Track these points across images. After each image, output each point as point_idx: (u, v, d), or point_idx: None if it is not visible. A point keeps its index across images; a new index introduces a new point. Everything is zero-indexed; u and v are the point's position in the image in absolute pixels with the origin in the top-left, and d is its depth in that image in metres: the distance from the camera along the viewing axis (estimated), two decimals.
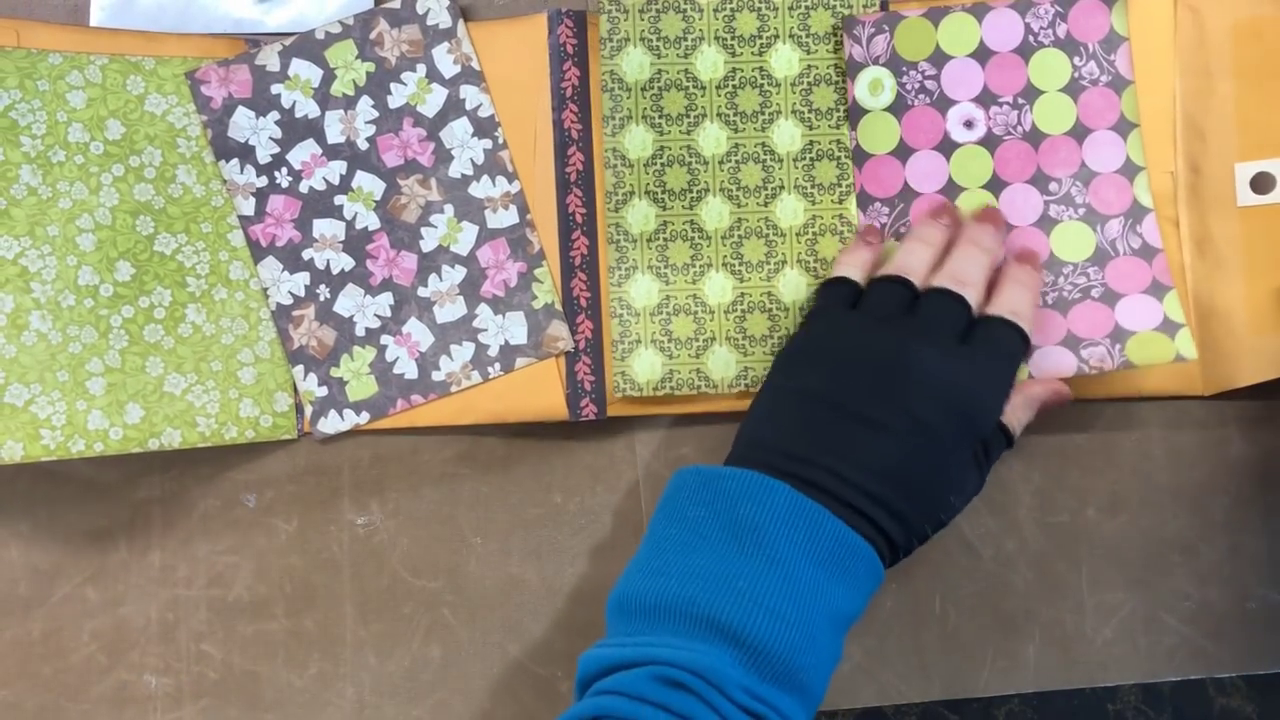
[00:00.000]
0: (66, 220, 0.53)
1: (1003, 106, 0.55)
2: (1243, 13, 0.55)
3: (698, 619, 0.42)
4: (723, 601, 0.42)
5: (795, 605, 0.42)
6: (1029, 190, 0.55)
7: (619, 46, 0.55)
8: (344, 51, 0.56)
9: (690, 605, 0.42)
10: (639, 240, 0.55)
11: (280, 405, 0.56)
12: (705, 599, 0.42)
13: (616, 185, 0.55)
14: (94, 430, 0.52)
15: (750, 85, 0.55)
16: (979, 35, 0.55)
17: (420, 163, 0.56)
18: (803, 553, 0.43)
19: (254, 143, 0.56)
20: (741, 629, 0.41)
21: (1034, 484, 0.56)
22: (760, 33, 0.55)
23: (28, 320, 0.52)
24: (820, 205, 0.55)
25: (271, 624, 0.56)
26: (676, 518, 0.45)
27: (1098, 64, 0.55)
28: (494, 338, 0.56)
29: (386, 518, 0.57)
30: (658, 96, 0.55)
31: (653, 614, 0.43)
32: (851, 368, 0.47)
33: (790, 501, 0.43)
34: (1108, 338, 0.54)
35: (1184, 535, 0.56)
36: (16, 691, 0.56)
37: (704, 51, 0.55)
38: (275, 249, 0.56)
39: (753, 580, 0.42)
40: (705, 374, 0.55)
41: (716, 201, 0.55)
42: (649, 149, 0.55)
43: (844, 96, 0.55)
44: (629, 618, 0.44)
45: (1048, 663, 0.56)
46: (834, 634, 0.44)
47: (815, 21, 0.55)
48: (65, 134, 0.53)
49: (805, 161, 0.55)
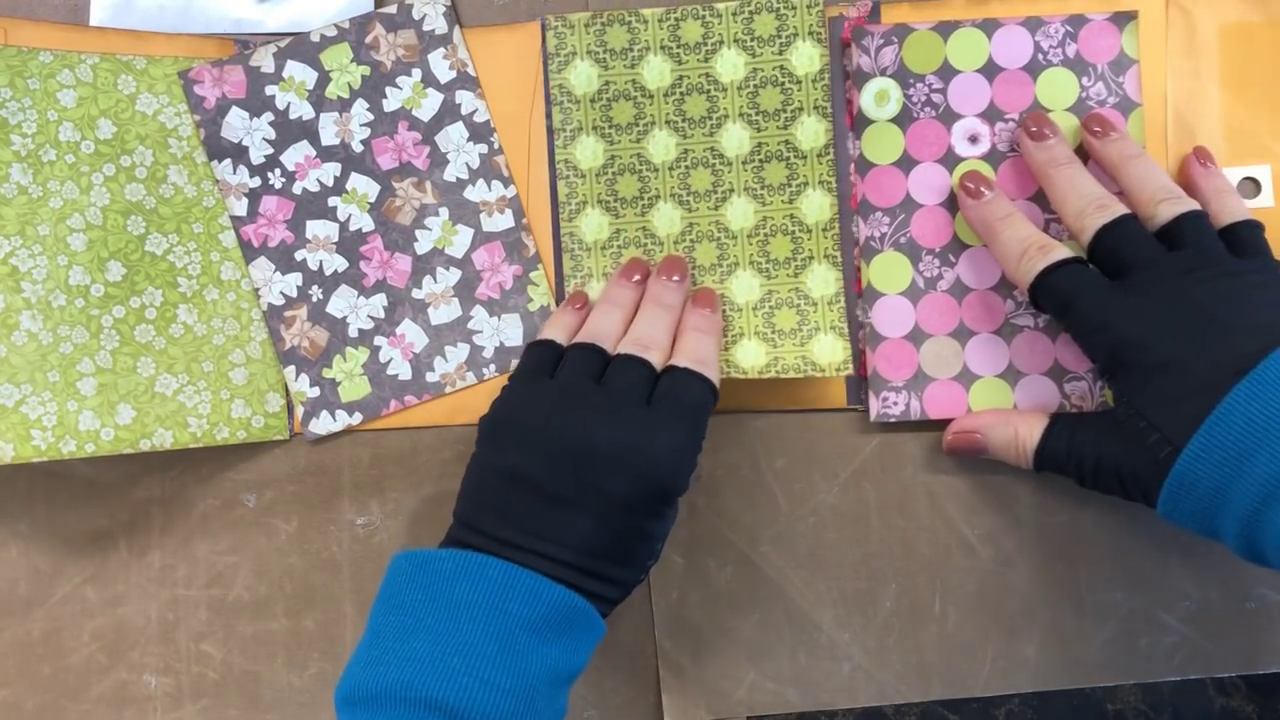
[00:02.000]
0: (57, 220, 0.53)
1: (1008, 123, 0.55)
2: (1230, 17, 0.55)
3: (415, 701, 0.42)
4: (437, 680, 0.42)
5: (510, 674, 0.43)
6: (1031, 207, 0.55)
7: (566, 60, 0.55)
8: (339, 54, 0.55)
9: (407, 689, 0.43)
10: (593, 249, 0.56)
11: (272, 406, 0.56)
12: (420, 680, 0.43)
13: (569, 195, 0.56)
14: (85, 431, 0.52)
15: (697, 91, 0.55)
16: (988, 51, 0.55)
17: (415, 166, 0.56)
18: (518, 622, 0.44)
19: (247, 143, 0.55)
20: (457, 704, 0.42)
21: (1034, 484, 0.56)
22: (705, 39, 0.55)
23: (18, 320, 0.52)
24: (771, 206, 0.55)
25: (271, 624, 0.56)
26: (395, 604, 0.46)
27: (1106, 85, 0.54)
28: (489, 339, 0.56)
29: (386, 518, 0.57)
30: (606, 107, 0.55)
31: (374, 703, 0.43)
32: (543, 446, 0.48)
33: (503, 574, 0.45)
34: (1090, 373, 0.54)
35: (1184, 535, 0.56)
36: (16, 691, 0.56)
37: (650, 61, 0.55)
38: (267, 250, 0.56)
39: (467, 656, 0.43)
40: None
41: (668, 208, 0.56)
42: (600, 159, 0.56)
43: (790, 97, 0.55)
44: (353, 710, 0.44)
45: (1048, 663, 0.55)
46: (554, 693, 0.45)
47: (759, 25, 0.55)
48: (56, 133, 0.53)
49: (754, 164, 0.55)
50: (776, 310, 0.55)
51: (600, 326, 0.52)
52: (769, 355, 0.55)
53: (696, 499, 0.57)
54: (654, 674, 0.56)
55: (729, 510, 0.57)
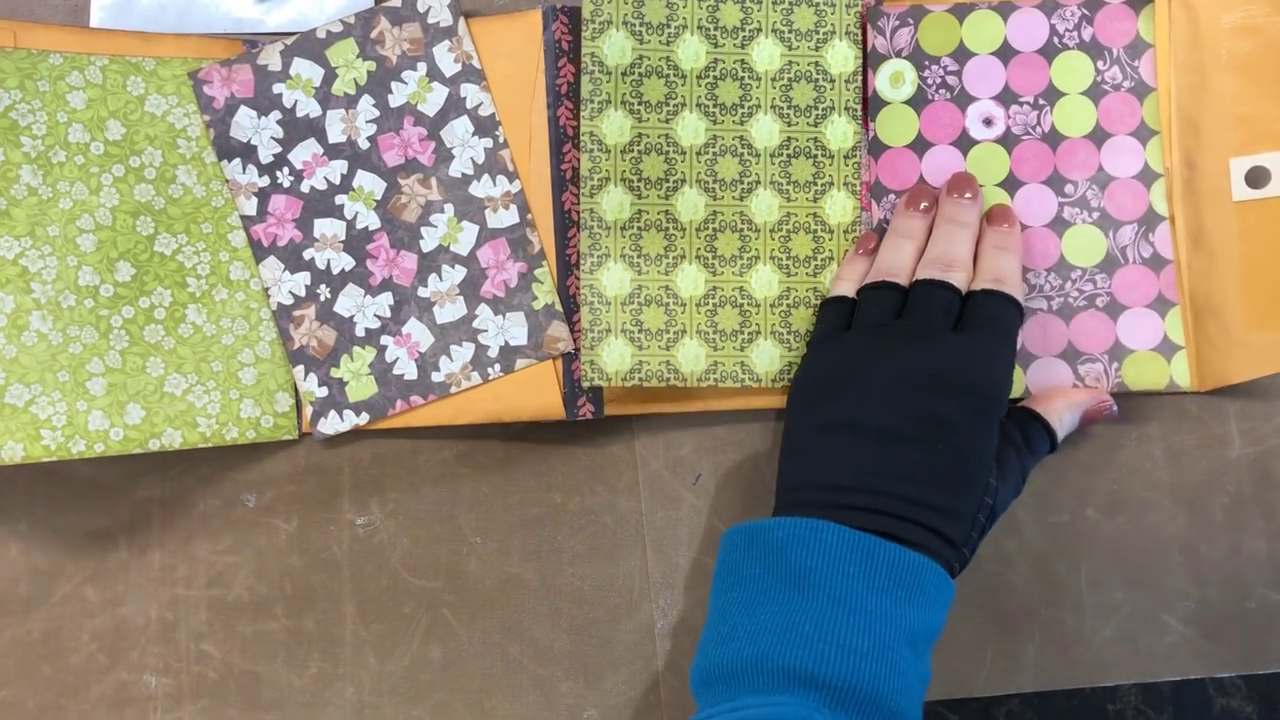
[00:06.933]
0: (67, 220, 0.53)
1: (1023, 106, 0.55)
2: (1239, 9, 0.55)
3: (773, 673, 0.42)
4: (793, 650, 0.42)
5: (865, 636, 0.42)
6: (1044, 191, 0.55)
7: (601, 29, 0.55)
8: (345, 50, 0.56)
9: (763, 661, 0.42)
10: (613, 228, 0.55)
11: (281, 406, 0.56)
12: (776, 652, 0.42)
13: (592, 170, 0.55)
14: (94, 431, 0.52)
15: (731, 77, 0.55)
16: (1003, 34, 0.55)
17: (421, 162, 0.56)
18: (862, 584, 0.43)
19: (256, 142, 0.56)
20: (817, 671, 0.41)
21: (1034, 484, 0.56)
22: (744, 25, 0.55)
23: (28, 320, 0.52)
24: (795, 203, 0.55)
25: (271, 624, 0.56)
26: (734, 580, 0.46)
27: (1121, 69, 0.55)
28: (494, 338, 0.56)
29: (386, 518, 0.57)
30: (638, 82, 0.55)
31: (731, 680, 0.43)
32: (856, 387, 0.48)
33: (838, 537, 0.44)
34: (1106, 354, 0.54)
35: (1184, 535, 0.56)
36: (16, 691, 0.56)
37: (686, 40, 0.55)
38: (276, 249, 0.56)
39: (818, 623, 0.42)
40: (674, 366, 0.55)
41: (693, 193, 0.55)
42: (626, 135, 0.55)
43: (823, 95, 0.55)
44: (711, 689, 0.44)
45: (1047, 663, 0.55)
46: (915, 655, 0.44)
47: (799, 18, 0.55)
48: (65, 134, 0.53)
49: (782, 158, 0.55)
50: (794, 309, 0.55)
51: (890, 261, 0.51)
52: (783, 360, 0.55)
53: (697, 499, 0.57)
54: (654, 674, 0.56)
55: (729, 510, 0.57)
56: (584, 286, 0.55)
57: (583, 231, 0.55)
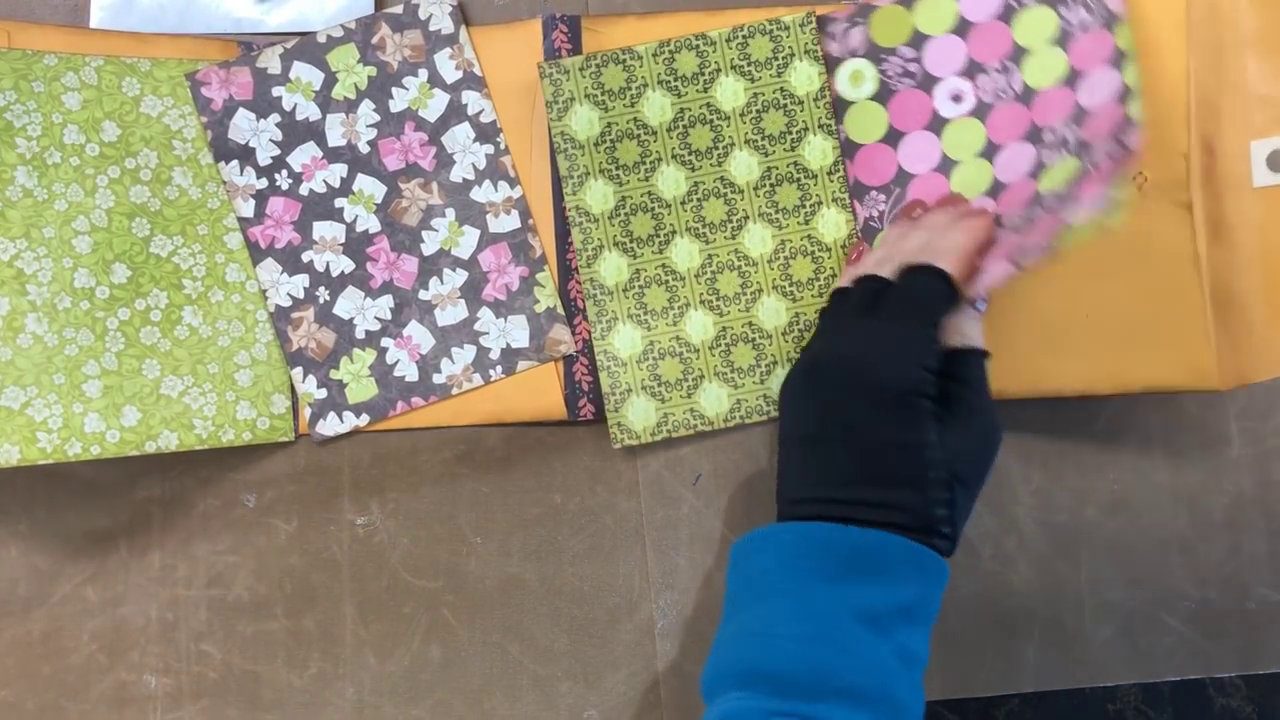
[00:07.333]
0: (62, 222, 0.53)
1: (990, 74, 0.54)
2: None
3: (728, 677, 0.44)
4: (741, 651, 0.44)
5: (808, 622, 0.43)
6: (1023, 146, 0.54)
7: (565, 107, 0.55)
8: (346, 55, 0.56)
9: (720, 667, 0.45)
10: (615, 292, 0.56)
11: (277, 407, 0.56)
12: (730, 657, 0.45)
13: (585, 241, 0.55)
14: (91, 433, 0.52)
15: (700, 122, 0.55)
16: (956, 10, 0.54)
17: (422, 167, 0.56)
18: (813, 575, 0.44)
19: (254, 144, 0.56)
20: (758, 664, 0.43)
21: (1034, 484, 0.56)
22: (702, 69, 0.55)
23: (23, 323, 0.51)
24: (787, 230, 0.55)
25: (271, 624, 0.56)
26: (727, 599, 0.48)
27: (1087, 9, 0.53)
28: (495, 341, 0.56)
29: (386, 518, 0.57)
30: (611, 149, 0.55)
31: (710, 696, 0.45)
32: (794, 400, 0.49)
33: (793, 534, 0.45)
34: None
35: (1184, 535, 0.56)
36: (16, 691, 0.56)
37: (650, 97, 0.55)
38: (274, 251, 0.56)
39: (765, 620, 0.44)
40: (699, 412, 0.55)
41: (685, 242, 0.55)
42: (611, 201, 0.55)
43: (794, 118, 0.55)
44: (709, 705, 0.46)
45: (1047, 663, 0.56)
46: (877, 632, 0.43)
47: (755, 49, 0.55)
48: (61, 136, 0.53)
49: (765, 188, 0.55)
50: (806, 333, 0.55)
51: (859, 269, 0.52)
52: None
53: (697, 499, 0.57)
54: (654, 674, 0.56)
55: (729, 510, 0.57)
56: (599, 352, 0.55)
57: (588, 301, 0.56)
